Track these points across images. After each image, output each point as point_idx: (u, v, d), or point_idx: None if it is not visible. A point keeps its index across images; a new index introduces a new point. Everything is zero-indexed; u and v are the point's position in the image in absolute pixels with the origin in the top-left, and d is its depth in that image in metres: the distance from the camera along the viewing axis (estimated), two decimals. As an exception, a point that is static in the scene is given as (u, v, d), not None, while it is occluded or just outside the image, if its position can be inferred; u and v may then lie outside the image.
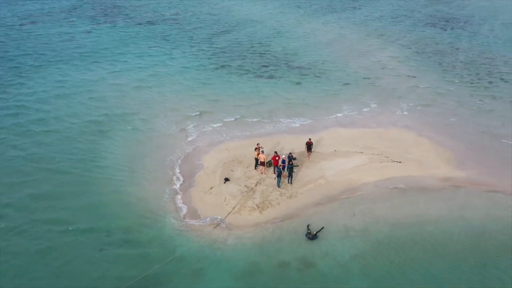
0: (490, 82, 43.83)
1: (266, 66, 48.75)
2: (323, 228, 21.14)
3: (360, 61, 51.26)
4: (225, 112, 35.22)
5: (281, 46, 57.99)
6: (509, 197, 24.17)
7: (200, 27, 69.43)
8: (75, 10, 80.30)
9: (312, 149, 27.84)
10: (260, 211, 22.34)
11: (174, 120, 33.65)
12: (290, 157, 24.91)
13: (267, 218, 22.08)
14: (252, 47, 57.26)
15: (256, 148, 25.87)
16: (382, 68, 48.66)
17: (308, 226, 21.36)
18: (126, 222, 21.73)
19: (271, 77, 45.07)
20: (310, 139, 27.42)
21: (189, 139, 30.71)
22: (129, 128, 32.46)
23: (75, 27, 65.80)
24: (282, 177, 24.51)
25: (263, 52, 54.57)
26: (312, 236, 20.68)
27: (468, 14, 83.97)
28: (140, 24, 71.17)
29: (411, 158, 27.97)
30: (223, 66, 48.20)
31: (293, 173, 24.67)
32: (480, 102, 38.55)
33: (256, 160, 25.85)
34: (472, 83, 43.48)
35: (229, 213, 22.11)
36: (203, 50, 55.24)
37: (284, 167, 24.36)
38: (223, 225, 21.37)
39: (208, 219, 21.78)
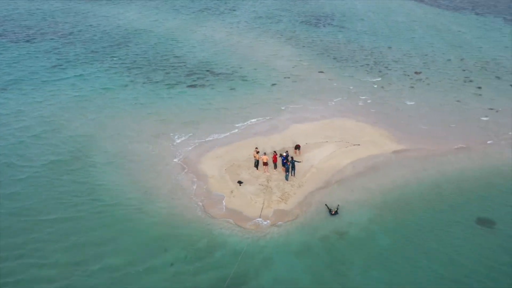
0: (380, 71, 55.50)
1: (190, 76, 52.22)
2: (338, 205, 27.22)
3: (271, 62, 58.39)
4: (188, 127, 37.89)
5: (191, 54, 61.61)
6: (442, 157, 33.87)
7: (92, 41, 68.04)
8: None
9: (290, 146, 33.61)
10: (285, 202, 27.31)
11: (144, 142, 35.22)
12: (287, 155, 30.28)
13: (292, 206, 27.19)
14: (163, 58, 59.55)
15: (257, 152, 30.47)
16: (293, 67, 56.66)
17: (326, 205, 27.20)
18: (179, 237, 24.33)
19: (203, 86, 48.95)
20: (298, 144, 33.30)
21: (175, 154, 33.27)
22: (102, 158, 32.84)
23: None
24: (283, 170, 29.89)
25: (178, 63, 57.57)
26: (334, 213, 26.58)
27: (330, 12, 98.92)
28: (18, 42, 66.35)
29: (365, 140, 35.95)
30: (148, 81, 49.90)
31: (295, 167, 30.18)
32: (382, 88, 49.32)
33: (257, 161, 30.51)
34: (368, 73, 54.43)
35: (262, 209, 26.51)
36: (114, 66, 55.37)
37: (291, 163, 29.59)
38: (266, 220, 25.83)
39: (257, 217, 25.88)
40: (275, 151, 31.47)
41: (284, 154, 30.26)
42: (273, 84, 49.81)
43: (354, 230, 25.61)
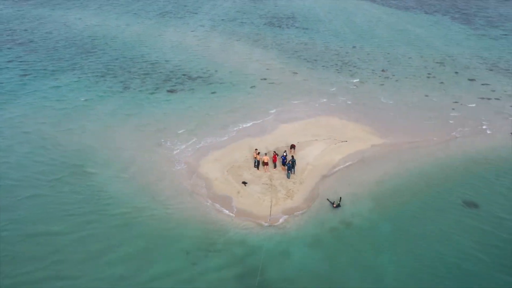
0: (350, 71, 58.78)
1: (167, 81, 52.78)
2: (341, 198, 29.41)
3: (244, 65, 60.08)
4: (180, 133, 38.56)
5: (163, 60, 62.01)
6: (423, 149, 37.02)
7: (56, 49, 66.54)
8: None
9: (283, 146, 35.51)
10: (291, 199, 29.11)
11: (140, 151, 35.41)
12: (287, 154, 32.19)
13: (298, 202, 29.04)
14: (136, 64, 59.49)
15: (258, 153, 32.11)
16: (267, 69, 58.59)
17: (328, 199, 29.32)
18: (198, 240, 25.41)
19: (183, 91, 49.75)
20: (293, 144, 35.01)
21: (174, 161, 34.02)
22: (101, 171, 32.50)
23: None
24: (283, 169, 31.77)
25: (152, 68, 57.85)
26: (336, 206, 28.74)
27: (290, 14, 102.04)
28: (-26, 51, 63.54)
29: (351, 136, 38.50)
30: (126, 89, 49.70)
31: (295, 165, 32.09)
32: (355, 87, 52.44)
33: (257, 161, 32.15)
34: (340, 73, 57.50)
35: (271, 206, 28.15)
36: (86, 75, 54.58)
37: (291, 162, 31.44)
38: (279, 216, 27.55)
39: (268, 215, 27.43)
40: (274, 151, 33.26)
41: (284, 154, 32.13)
42: (252, 87, 51.48)
43: (357, 220, 27.85)
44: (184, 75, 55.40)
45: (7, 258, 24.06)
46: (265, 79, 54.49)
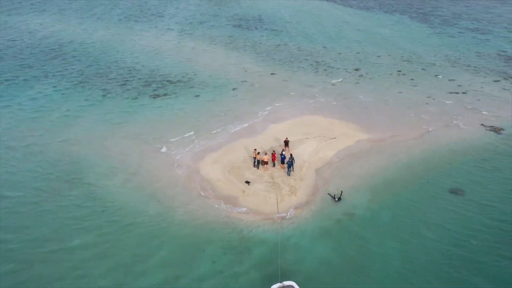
0: (325, 70, 61.33)
1: (147, 86, 53.15)
2: (342, 191, 31.38)
3: (222, 68, 61.23)
4: (173, 138, 39.29)
5: (139, 64, 62.06)
6: (406, 142, 39.76)
7: (23, 56, 65.06)
8: None
9: (276, 145, 37.17)
10: (295, 195, 30.77)
11: (137, 158, 35.91)
12: (284, 153, 33.92)
13: (302, 198, 30.75)
14: (111, 70, 59.26)
15: (258, 153, 33.56)
16: (245, 71, 60.08)
17: (329, 194, 31.24)
18: (213, 240, 26.52)
19: (166, 95, 50.34)
20: (287, 138, 36.66)
21: (173, 165, 34.80)
22: (101, 179, 32.73)
23: None
24: (281, 167, 33.48)
25: (129, 74, 57.89)
26: (337, 199, 30.70)
27: (257, 16, 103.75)
28: None
29: (339, 133, 40.69)
30: (108, 96, 49.67)
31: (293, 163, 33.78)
32: (333, 85, 54.97)
33: (258, 161, 33.63)
34: (316, 73, 59.91)
35: (277, 203, 29.67)
36: (61, 82, 54.00)
37: (291, 160, 33.11)
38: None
39: (275, 211, 28.90)
40: (274, 151, 34.84)
41: (284, 153, 33.79)
42: (234, 89, 52.79)
43: (359, 211, 29.91)
44: (164, 80, 55.84)
45: (26, 279, 23.78)
46: (245, 81, 55.90)
